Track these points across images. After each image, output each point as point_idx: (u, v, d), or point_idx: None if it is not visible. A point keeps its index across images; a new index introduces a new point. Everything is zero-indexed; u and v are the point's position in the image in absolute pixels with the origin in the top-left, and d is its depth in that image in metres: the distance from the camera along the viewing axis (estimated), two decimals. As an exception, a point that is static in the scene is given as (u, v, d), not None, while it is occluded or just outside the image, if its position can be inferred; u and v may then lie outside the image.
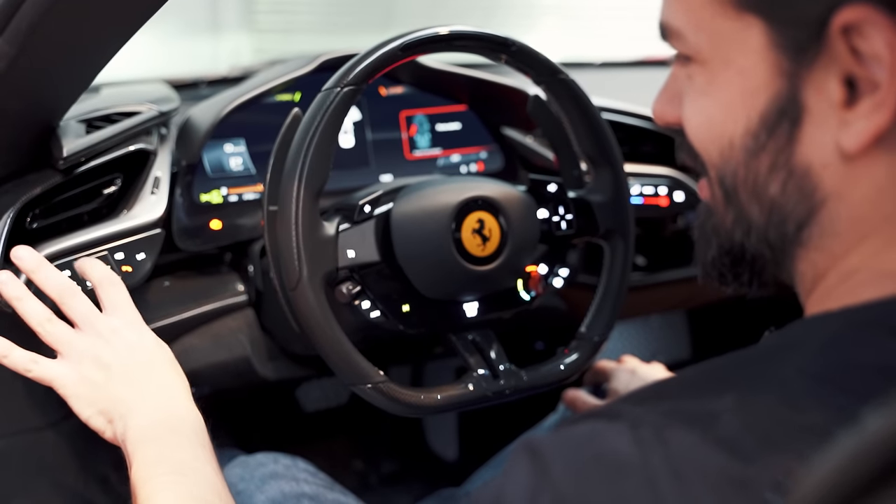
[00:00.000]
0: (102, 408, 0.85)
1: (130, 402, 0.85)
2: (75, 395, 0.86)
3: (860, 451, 0.34)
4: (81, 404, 0.86)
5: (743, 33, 0.55)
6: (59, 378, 0.86)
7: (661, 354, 1.90)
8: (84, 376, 0.86)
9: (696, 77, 0.59)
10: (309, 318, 0.90)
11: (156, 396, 0.86)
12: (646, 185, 1.39)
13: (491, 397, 0.99)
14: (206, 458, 0.82)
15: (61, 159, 0.99)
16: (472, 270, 0.98)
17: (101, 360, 0.86)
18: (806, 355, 0.52)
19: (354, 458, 1.86)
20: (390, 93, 1.37)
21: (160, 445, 0.81)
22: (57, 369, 0.86)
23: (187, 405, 0.87)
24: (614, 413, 0.53)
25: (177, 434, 0.83)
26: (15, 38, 0.80)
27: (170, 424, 0.84)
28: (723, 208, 0.61)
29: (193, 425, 0.85)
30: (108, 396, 0.85)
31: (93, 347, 0.87)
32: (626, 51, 2.18)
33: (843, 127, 0.52)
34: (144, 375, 0.87)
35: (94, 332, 0.88)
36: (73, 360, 0.87)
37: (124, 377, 0.86)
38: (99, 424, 0.85)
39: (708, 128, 0.59)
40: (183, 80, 1.43)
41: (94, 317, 0.89)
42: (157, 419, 0.84)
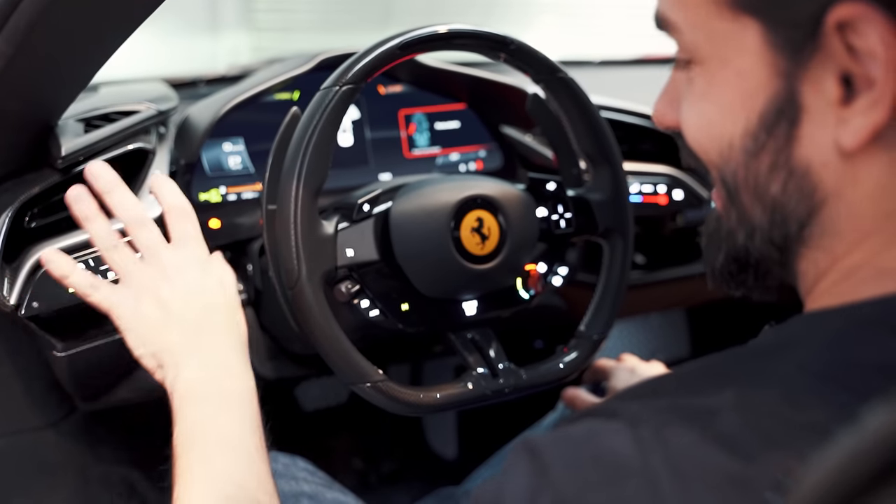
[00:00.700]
0: (155, 350, 0.83)
1: (184, 351, 0.83)
2: (131, 329, 0.84)
3: (860, 450, 0.34)
4: (135, 341, 0.84)
5: (739, 34, 0.55)
6: (118, 307, 0.84)
7: (660, 353, 1.90)
8: (142, 312, 0.84)
9: (696, 80, 0.59)
10: (308, 316, 0.90)
11: (210, 350, 0.84)
12: (645, 184, 1.39)
13: (490, 396, 0.99)
14: (250, 430, 0.81)
15: (60, 158, 0.99)
16: (472, 269, 0.98)
17: (161, 298, 0.84)
18: (806, 352, 0.52)
19: (353, 457, 1.86)
20: (389, 91, 1.37)
21: (206, 409, 0.80)
22: (117, 297, 0.84)
23: (242, 363, 0.85)
24: (612, 411, 0.53)
25: (226, 398, 0.82)
26: (13, 38, 0.80)
27: (221, 384, 0.82)
28: (726, 210, 0.61)
29: (244, 388, 0.84)
30: (162, 339, 0.83)
31: (154, 282, 0.85)
32: (624, 49, 2.18)
33: (841, 125, 0.52)
34: (204, 323, 0.85)
35: (159, 265, 0.86)
36: (134, 291, 0.85)
37: (181, 322, 0.84)
38: (150, 364, 0.84)
39: (707, 130, 0.59)
40: (181, 78, 1.43)
41: (160, 249, 0.87)
42: (207, 376, 0.82)
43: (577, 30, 2.79)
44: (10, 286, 0.95)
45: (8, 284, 0.95)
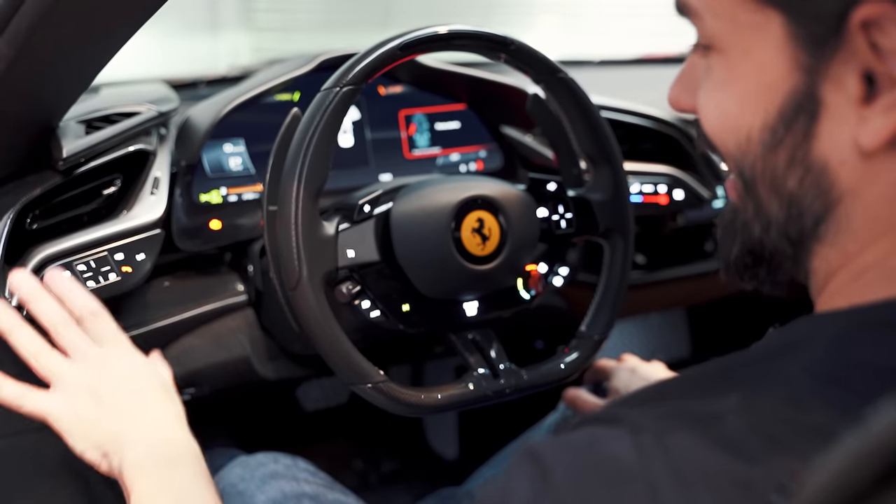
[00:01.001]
0: (97, 442, 0.83)
1: (125, 433, 0.83)
2: (69, 429, 0.83)
3: (864, 453, 0.34)
4: (75, 438, 0.83)
5: (762, 26, 0.54)
6: (53, 412, 0.84)
7: (660, 352, 1.91)
8: (77, 410, 0.84)
9: (715, 67, 0.58)
10: (309, 317, 0.90)
11: (151, 426, 0.85)
12: (645, 184, 1.39)
13: (491, 396, 0.99)
14: (205, 486, 0.82)
15: (61, 160, 0.99)
16: (472, 269, 0.98)
17: (94, 392, 0.85)
18: (812, 354, 0.52)
19: (355, 457, 1.87)
20: (389, 92, 1.37)
21: (158, 475, 0.81)
22: (50, 403, 0.84)
23: (183, 433, 0.86)
24: (614, 417, 0.53)
25: (175, 463, 0.82)
26: (14, 40, 0.80)
27: (167, 454, 0.83)
28: (742, 201, 0.61)
29: (190, 453, 0.84)
30: (102, 429, 0.83)
31: (85, 378, 0.85)
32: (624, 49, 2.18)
33: (861, 123, 0.52)
34: (138, 405, 0.86)
35: (87, 363, 0.86)
36: (67, 392, 0.85)
37: (118, 409, 0.84)
38: (94, 458, 0.83)
39: (724, 120, 0.59)
40: (182, 79, 1.43)
41: (85, 348, 0.87)
42: (153, 449, 0.82)
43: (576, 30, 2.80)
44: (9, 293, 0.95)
45: (8, 293, 0.95)
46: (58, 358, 0.86)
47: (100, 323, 0.89)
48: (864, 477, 0.33)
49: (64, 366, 0.86)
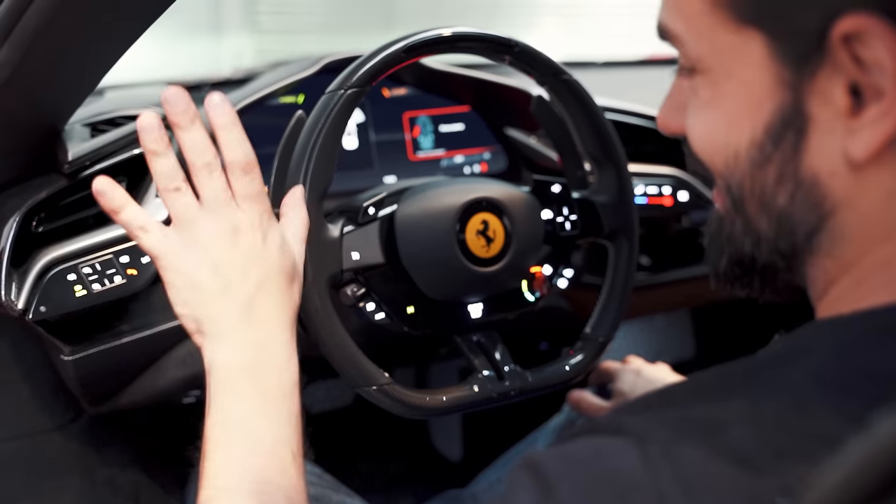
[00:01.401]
0: (198, 315, 0.77)
1: (228, 326, 0.76)
2: (174, 283, 0.77)
3: (871, 457, 0.34)
4: (177, 298, 0.77)
5: (744, 46, 0.54)
6: (166, 256, 0.77)
7: (665, 354, 1.90)
8: (191, 271, 0.76)
9: (700, 89, 0.59)
10: (314, 320, 0.90)
11: (257, 332, 0.77)
12: (650, 185, 1.38)
13: (496, 398, 0.99)
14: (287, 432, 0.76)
15: (66, 163, 0.99)
16: (477, 272, 0.98)
17: (216, 260, 0.77)
18: (817, 361, 0.52)
19: (360, 459, 1.87)
20: (393, 94, 1.38)
21: (243, 405, 0.75)
22: (166, 246, 0.77)
23: (286, 349, 0.79)
24: (618, 426, 0.53)
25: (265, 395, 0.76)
26: (19, 44, 0.80)
27: (261, 378, 0.76)
28: (731, 217, 0.61)
29: (285, 382, 0.78)
30: (208, 307, 0.77)
31: (212, 239, 0.77)
32: (628, 50, 2.18)
33: (850, 135, 0.52)
34: (253, 297, 0.78)
35: (220, 221, 0.78)
36: (187, 243, 0.77)
37: (231, 291, 0.77)
38: (188, 326, 0.78)
39: (712, 140, 0.59)
40: (186, 82, 1.43)
41: (223, 204, 0.78)
42: (250, 364, 0.76)
43: (580, 31, 2.79)
44: (17, 290, 0.96)
45: (16, 289, 0.96)
46: (192, 202, 0.78)
47: (248, 179, 0.80)
48: (870, 483, 0.33)
49: (196, 214, 0.78)
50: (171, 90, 0.77)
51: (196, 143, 0.78)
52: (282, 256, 0.81)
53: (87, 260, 0.99)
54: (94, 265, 1.00)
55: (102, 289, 1.01)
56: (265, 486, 0.72)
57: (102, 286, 1.01)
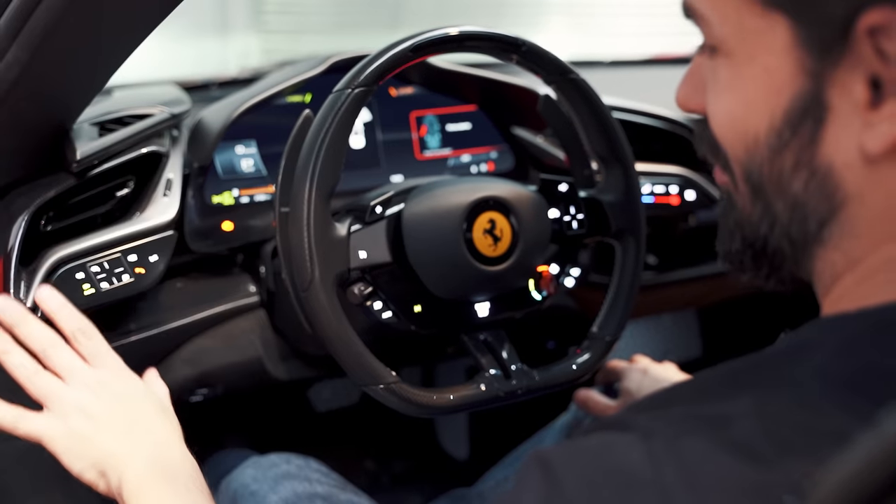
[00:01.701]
0: (94, 461, 0.82)
1: (123, 453, 0.82)
2: (65, 449, 0.82)
3: (878, 455, 0.34)
4: (72, 458, 0.82)
5: (769, 30, 0.54)
6: (48, 433, 0.83)
7: (672, 353, 1.90)
8: (73, 430, 0.82)
9: (721, 70, 0.59)
10: (321, 318, 0.90)
11: (148, 446, 0.84)
12: (657, 184, 1.38)
13: (503, 397, 0.99)
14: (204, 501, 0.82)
15: (75, 162, 0.99)
16: (484, 271, 0.98)
17: (90, 413, 0.83)
18: (822, 358, 0.52)
19: (366, 458, 1.87)
20: (400, 93, 1.38)
21: (158, 494, 0.80)
22: (45, 424, 0.83)
23: (181, 452, 0.85)
24: (626, 423, 0.53)
25: (174, 482, 0.82)
26: (28, 44, 0.81)
27: (165, 472, 0.82)
28: (750, 203, 0.60)
29: (189, 471, 0.84)
30: (98, 449, 0.82)
31: (80, 400, 0.84)
32: (635, 49, 2.18)
33: (867, 128, 0.52)
34: (135, 426, 0.85)
35: (81, 384, 0.85)
36: (61, 413, 0.83)
37: (114, 429, 0.83)
38: (91, 478, 0.83)
39: (732, 123, 0.59)
40: (194, 81, 1.44)
41: (79, 369, 0.86)
42: (151, 468, 0.82)
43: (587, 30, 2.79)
44: (26, 289, 0.96)
45: (25, 287, 0.96)
46: (51, 379, 0.85)
47: (92, 342, 0.88)
48: (878, 480, 0.33)
49: (58, 387, 0.84)
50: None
51: (33, 333, 0.86)
52: (149, 393, 0.89)
53: (96, 258, 1.00)
54: (102, 264, 1.00)
55: (110, 287, 1.01)
56: None
57: (111, 285, 1.01)
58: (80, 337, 0.87)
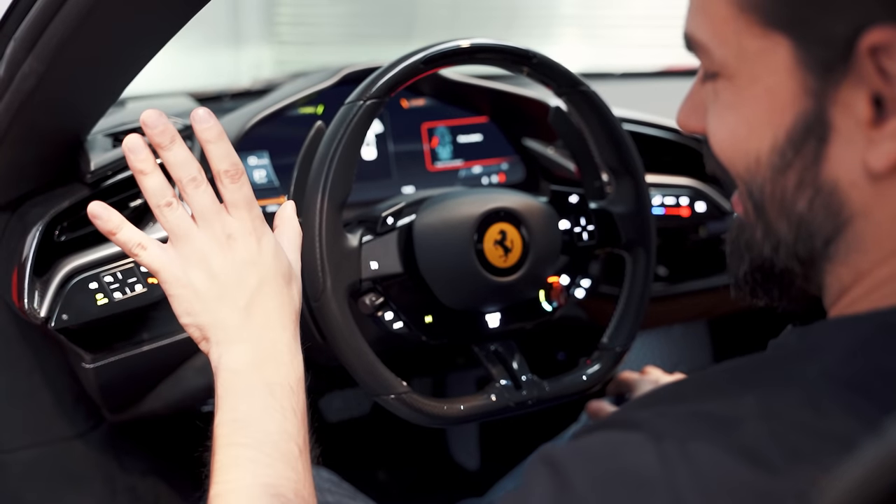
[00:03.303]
0: (201, 322, 0.78)
1: (232, 330, 0.78)
2: (177, 295, 0.79)
3: (885, 463, 0.34)
4: (180, 308, 0.79)
5: (770, 51, 0.55)
6: (166, 270, 0.78)
7: (682, 365, 1.90)
8: (191, 280, 0.78)
9: (722, 92, 0.59)
10: (332, 329, 0.90)
11: (260, 332, 0.79)
12: (667, 196, 1.39)
13: (513, 408, 0.99)
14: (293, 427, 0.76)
15: (89, 173, 1.00)
16: (495, 281, 0.98)
17: (213, 268, 0.79)
18: (831, 359, 0.52)
19: (377, 468, 1.87)
20: (412, 105, 1.38)
21: (250, 403, 0.76)
22: (165, 259, 0.79)
23: (290, 347, 0.80)
24: (633, 422, 0.53)
25: (271, 392, 0.77)
26: (44, 56, 0.81)
27: (267, 375, 0.77)
28: (753, 222, 0.61)
29: (290, 377, 0.79)
30: (210, 313, 0.78)
31: (208, 249, 0.79)
32: (646, 61, 2.18)
33: (871, 146, 0.52)
34: (253, 300, 0.79)
35: (214, 231, 0.79)
36: (185, 255, 0.79)
37: (232, 297, 0.79)
38: (194, 335, 0.80)
39: (733, 143, 0.59)
40: (207, 93, 1.45)
41: (215, 213, 0.80)
42: (255, 363, 0.77)
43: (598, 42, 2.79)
44: (40, 299, 0.97)
45: (38, 297, 0.97)
46: (184, 217, 0.80)
47: (237, 188, 0.81)
48: (883, 486, 0.33)
49: (188, 228, 0.79)
50: (148, 113, 0.79)
51: (179, 159, 0.80)
52: (277, 260, 0.82)
53: (109, 269, 1.00)
54: (115, 274, 1.01)
55: (124, 297, 1.01)
56: (273, 479, 0.73)
57: (124, 295, 1.01)
58: (225, 180, 0.80)
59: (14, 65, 0.84)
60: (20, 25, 0.82)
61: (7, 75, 0.85)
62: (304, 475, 0.75)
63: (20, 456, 1.08)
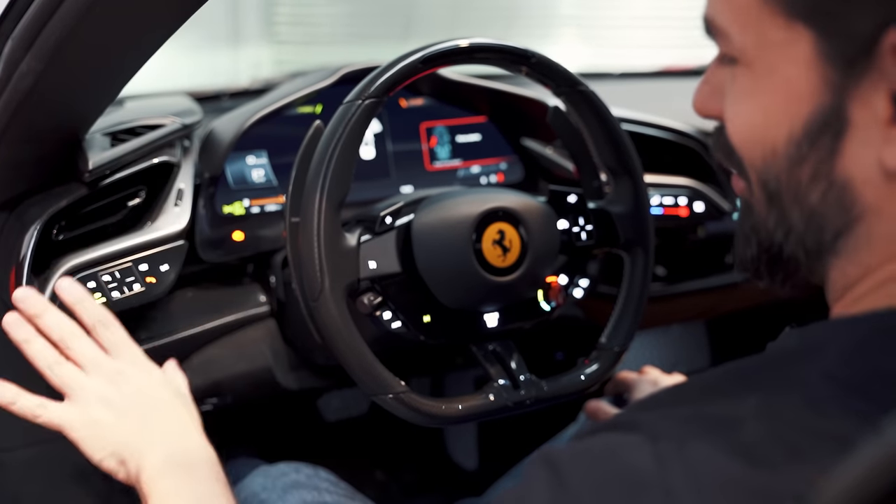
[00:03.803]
0: (113, 450, 0.83)
1: (142, 442, 0.83)
2: (85, 437, 0.83)
3: (881, 462, 0.34)
4: (92, 447, 0.83)
5: (792, 42, 0.54)
6: (69, 422, 0.84)
7: (681, 365, 1.90)
8: (93, 419, 0.84)
9: (741, 78, 0.58)
10: (331, 328, 0.90)
11: (167, 434, 0.85)
12: (665, 196, 1.39)
13: (512, 407, 0.99)
14: (222, 492, 0.83)
15: (87, 172, 1.00)
16: (493, 281, 0.98)
17: (109, 401, 0.85)
18: (830, 359, 0.52)
19: (375, 468, 1.87)
20: (411, 104, 1.38)
21: (176, 481, 0.81)
22: (66, 413, 0.84)
23: (200, 441, 0.87)
24: (633, 423, 0.53)
25: (192, 470, 0.83)
26: (42, 54, 0.81)
27: (184, 460, 0.83)
28: (765, 210, 0.60)
29: (207, 460, 0.85)
30: (118, 438, 0.84)
31: (100, 389, 0.85)
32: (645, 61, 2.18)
33: (888, 144, 0.52)
34: (154, 415, 0.86)
35: (101, 374, 0.86)
36: (82, 402, 0.85)
37: (133, 417, 0.85)
38: (111, 466, 0.83)
39: (750, 132, 0.58)
40: (205, 92, 1.45)
41: (99, 359, 0.87)
42: (170, 457, 0.83)
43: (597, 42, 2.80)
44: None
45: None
46: (72, 369, 0.86)
47: (111, 333, 0.90)
48: (882, 486, 0.33)
49: (78, 377, 0.86)
50: (18, 293, 0.88)
51: (54, 323, 0.87)
52: (166, 385, 0.90)
53: (107, 268, 1.00)
54: (113, 273, 1.01)
55: (121, 296, 1.02)
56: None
57: (121, 294, 1.02)
58: (99, 328, 0.89)
59: (12, 64, 0.84)
60: (18, 24, 0.82)
61: (5, 74, 0.85)
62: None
63: (19, 454, 1.07)
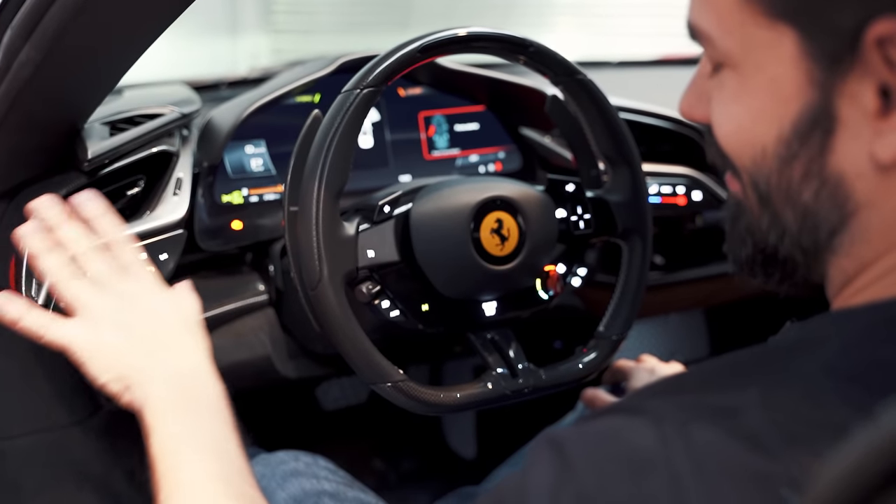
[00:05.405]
0: (120, 374, 0.81)
1: (150, 370, 0.82)
2: (91, 358, 0.82)
3: (876, 449, 0.34)
4: (98, 368, 0.82)
5: (775, 42, 0.54)
6: (76, 340, 0.82)
7: (679, 353, 1.90)
8: (102, 340, 0.82)
9: (727, 81, 0.59)
10: (329, 317, 0.91)
11: (176, 365, 0.83)
12: (664, 185, 1.39)
13: (510, 396, 0.99)
14: (226, 432, 0.81)
15: (86, 161, 1.00)
16: (491, 270, 0.98)
17: (119, 323, 0.83)
18: (830, 351, 0.52)
19: (374, 456, 1.87)
20: (409, 93, 1.38)
21: (181, 418, 0.80)
22: (73, 331, 0.82)
23: (206, 371, 0.85)
24: (636, 408, 0.54)
25: (198, 406, 0.81)
26: (41, 44, 0.81)
27: (191, 395, 0.81)
28: (757, 211, 0.60)
29: (214, 397, 0.83)
30: (125, 361, 0.82)
31: (112, 309, 0.83)
32: (643, 50, 2.18)
33: (878, 137, 0.52)
34: (165, 343, 0.84)
35: (114, 293, 0.85)
36: (91, 321, 0.83)
37: (142, 342, 0.83)
38: (116, 389, 0.82)
39: (739, 134, 0.59)
40: (204, 81, 1.44)
41: (113, 278, 0.85)
42: (177, 390, 0.81)
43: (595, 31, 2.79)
44: (37, 286, 0.97)
45: (36, 285, 0.97)
46: (84, 286, 0.84)
47: (127, 252, 0.88)
48: (876, 473, 0.34)
49: (89, 294, 0.84)
50: (35, 203, 0.88)
51: (72, 237, 0.87)
52: (177, 310, 0.88)
53: None
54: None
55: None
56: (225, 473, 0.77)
57: (121, 283, 1.01)
58: (115, 246, 0.88)
59: (11, 53, 0.84)
60: (17, 13, 0.82)
61: (4, 64, 0.85)
62: (243, 470, 0.79)
63: (18, 443, 1.08)
